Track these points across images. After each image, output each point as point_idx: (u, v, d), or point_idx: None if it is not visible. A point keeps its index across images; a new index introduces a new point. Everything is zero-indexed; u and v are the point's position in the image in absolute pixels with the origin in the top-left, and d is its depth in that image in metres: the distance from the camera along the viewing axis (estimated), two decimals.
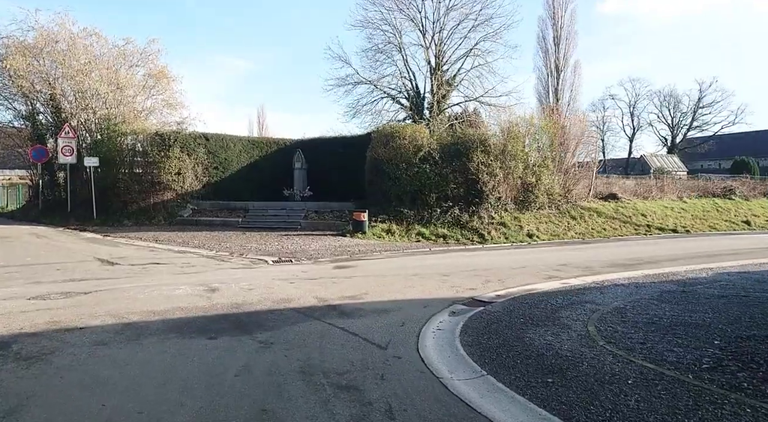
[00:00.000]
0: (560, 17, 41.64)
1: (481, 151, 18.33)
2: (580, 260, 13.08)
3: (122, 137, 20.62)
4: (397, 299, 8.39)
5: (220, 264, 12.64)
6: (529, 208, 19.63)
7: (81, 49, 21.51)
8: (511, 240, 17.67)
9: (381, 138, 19.27)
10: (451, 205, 18.47)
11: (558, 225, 19.36)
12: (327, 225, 18.90)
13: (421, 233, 17.72)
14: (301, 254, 14.44)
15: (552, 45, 42.24)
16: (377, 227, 17.96)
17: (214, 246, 15.55)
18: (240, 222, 19.45)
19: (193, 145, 20.99)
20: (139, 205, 20.47)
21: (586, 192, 22.29)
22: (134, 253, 13.93)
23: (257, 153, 23.39)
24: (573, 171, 21.27)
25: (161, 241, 16.39)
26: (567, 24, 41.00)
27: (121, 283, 9.62)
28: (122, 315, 7.16)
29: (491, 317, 7.21)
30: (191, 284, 9.55)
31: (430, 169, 18.35)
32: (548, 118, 20.27)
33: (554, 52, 42.71)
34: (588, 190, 22.48)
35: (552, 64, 43.06)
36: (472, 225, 18.13)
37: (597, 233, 19.40)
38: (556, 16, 41.80)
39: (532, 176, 19.28)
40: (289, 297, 8.39)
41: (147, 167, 20.86)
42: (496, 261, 13.11)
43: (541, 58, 41.46)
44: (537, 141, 19.52)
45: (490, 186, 18.45)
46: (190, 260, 13.06)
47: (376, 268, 11.79)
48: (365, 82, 40.11)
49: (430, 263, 12.57)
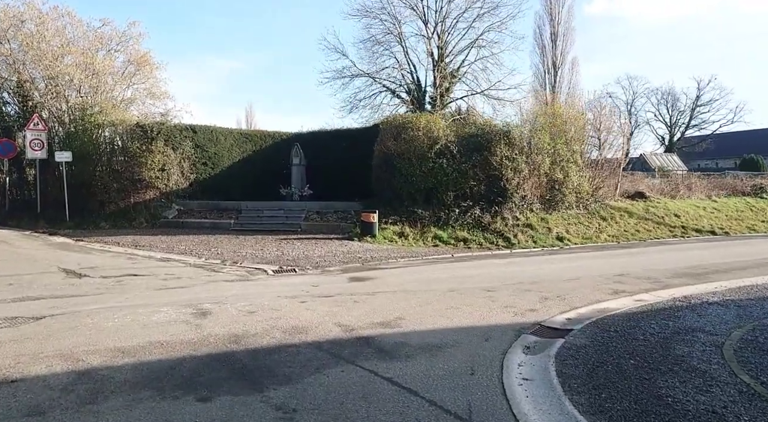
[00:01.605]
0: (558, 13, 40.33)
1: (504, 144, 16.52)
2: (634, 269, 11.30)
3: (99, 129, 18.56)
4: (446, 327, 6.53)
5: (211, 275, 10.72)
6: (556, 207, 17.87)
7: (52, 30, 19.41)
8: (540, 244, 15.89)
9: (391, 130, 17.40)
10: (471, 205, 16.63)
11: (588, 227, 17.61)
12: (330, 227, 17.00)
13: (439, 236, 15.87)
14: (304, 261, 12.57)
15: (549, 41, 40.90)
16: (388, 229, 16.09)
17: (203, 253, 13.62)
18: (232, 225, 17.50)
19: (178, 137, 18.98)
20: (117, 205, 18.42)
21: (612, 190, 20.58)
22: (109, 262, 11.95)
23: (250, 147, 21.40)
24: (603, 166, 19.52)
25: (142, 247, 14.40)
26: (565, 20, 39.80)
27: (86, 304, 7.68)
28: (78, 357, 5.23)
29: (586, 357, 5.37)
30: (176, 305, 7.62)
31: (448, 164, 16.50)
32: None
33: (551, 49, 41.35)
34: (614, 188, 20.77)
35: (549, 61, 41.66)
36: (495, 227, 16.31)
37: (631, 235, 17.68)
38: (553, 11, 40.44)
39: (559, 172, 17.51)
40: (303, 325, 6.50)
41: (127, 163, 18.80)
42: (539, 270, 11.30)
43: (538, 54, 40.11)
44: (564, 133, 17.73)
45: (514, 183, 16.65)
46: (174, 270, 11.12)
47: (400, 281, 9.92)
48: (363, 75, 38.27)
49: (462, 274, 10.73)
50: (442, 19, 37.20)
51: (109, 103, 19.08)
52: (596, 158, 19.77)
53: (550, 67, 42.38)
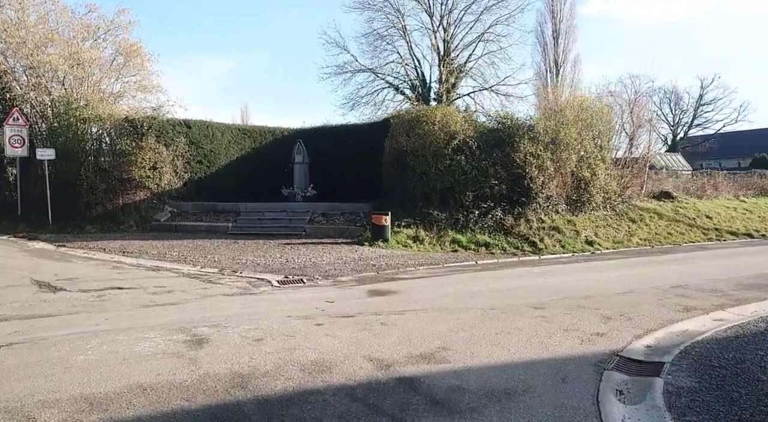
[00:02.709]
0: (560, 10, 39.24)
1: (528, 139, 15.25)
2: (690, 279, 10.03)
3: (84, 124, 17.18)
4: (506, 362, 5.23)
5: (207, 287, 9.41)
6: (583, 208, 16.60)
7: (34, 17, 18.06)
8: (569, 248, 14.62)
9: (403, 124, 16.10)
10: (492, 206, 15.34)
11: (618, 230, 16.35)
12: (338, 230, 15.69)
13: (457, 241, 14.58)
14: (312, 270, 11.30)
15: (551, 39, 39.74)
16: (401, 233, 14.80)
17: (198, 260, 12.32)
18: (230, 228, 16.17)
19: (171, 133, 17.63)
20: (105, 207, 17.06)
21: (638, 190, 19.34)
22: (91, 272, 10.62)
23: (249, 144, 20.05)
24: (632, 164, 18.27)
25: (130, 253, 13.07)
26: (567, 17, 38.69)
27: (56, 328, 6.36)
28: (30, 414, 3.92)
29: (708, 408, 4.09)
30: (165, 328, 6.31)
31: (466, 162, 15.21)
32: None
33: (553, 47, 40.22)
34: (640, 188, 19.53)
35: (551, 60, 40.47)
36: (518, 230, 15.03)
37: (663, 238, 16.43)
38: (555, 8, 39.30)
39: (586, 170, 16.23)
40: (325, 359, 5.19)
41: (115, 161, 17.46)
42: (582, 281, 10.01)
43: (540, 52, 38.91)
44: (591, 128, 16.47)
45: (539, 182, 15.37)
46: (165, 282, 9.81)
47: (428, 295, 8.62)
48: (365, 70, 37.06)
49: (496, 286, 9.42)
50: (448, 12, 35.99)
51: (95, 96, 17.71)
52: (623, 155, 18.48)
53: (552, 65, 41.23)
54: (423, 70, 37.35)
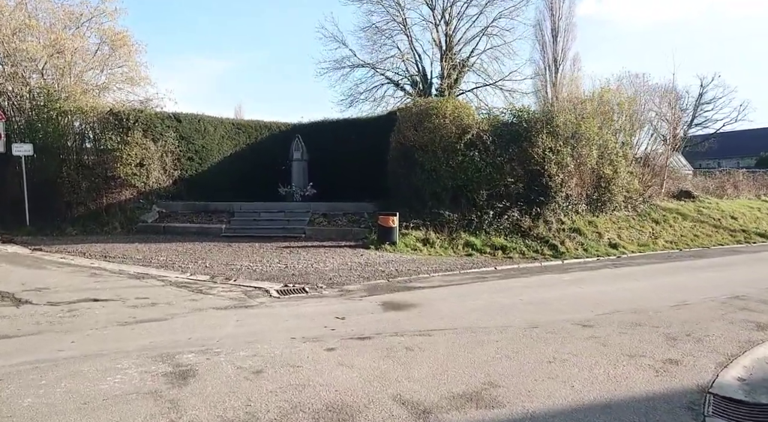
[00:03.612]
0: (558, 7, 38.20)
1: (547, 133, 14.18)
2: (745, 288, 8.97)
3: (65, 118, 16.01)
4: (573, 405, 4.13)
5: (197, 299, 8.27)
6: (603, 209, 15.55)
7: (13, 4, 16.82)
8: (591, 252, 13.56)
9: (411, 118, 14.98)
10: (508, 206, 14.26)
11: (641, 232, 15.31)
12: (340, 233, 14.58)
13: (471, 244, 13.49)
14: (315, 277, 10.20)
15: (550, 37, 38.69)
16: (410, 235, 13.70)
17: (187, 266, 11.19)
18: (223, 230, 15.03)
19: (160, 127, 16.44)
20: (87, 207, 15.88)
21: (658, 188, 18.31)
22: (65, 280, 9.47)
23: (244, 139, 18.87)
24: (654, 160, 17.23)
25: (112, 258, 11.92)
26: (566, 14, 37.66)
27: (6, 355, 5.23)
28: None
29: None
30: (143, 355, 5.18)
31: (480, 158, 14.12)
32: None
33: (552, 45, 39.14)
34: (660, 187, 18.50)
35: (550, 58, 39.44)
36: (536, 232, 13.95)
37: (690, 241, 15.39)
38: (554, 6, 38.27)
39: (608, 167, 15.17)
40: (344, 402, 4.08)
41: (99, 157, 16.30)
42: (622, 291, 8.93)
43: (539, 50, 37.86)
44: (613, 121, 15.41)
45: (558, 180, 14.30)
46: (149, 292, 8.66)
47: (454, 309, 7.51)
48: (364, 66, 35.91)
49: (529, 297, 8.32)
50: (450, 5, 34.86)
51: (78, 87, 16.50)
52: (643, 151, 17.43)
53: (550, 63, 40.22)
54: (424, 66, 36.28)
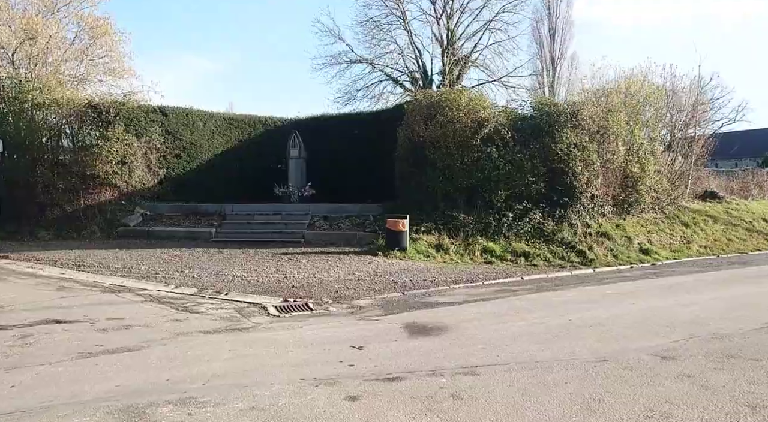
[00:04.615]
0: (556, 6, 37.28)
1: (571, 127, 12.98)
2: None
3: (39, 111, 14.66)
4: None
5: (181, 318, 6.98)
6: (630, 210, 14.37)
7: None
8: (622, 258, 12.38)
9: (420, 111, 13.74)
10: (529, 208, 13.04)
11: (672, 236, 14.14)
12: (344, 237, 13.31)
13: (489, 250, 12.27)
14: (319, 290, 8.96)
15: (547, 36, 37.76)
16: (421, 241, 12.46)
17: (172, 276, 9.92)
18: (214, 234, 13.72)
19: (144, 121, 15.13)
20: (63, 209, 14.54)
21: (683, 189, 17.17)
22: (27, 295, 8.15)
23: (236, 135, 17.56)
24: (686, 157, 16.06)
25: (87, 267, 10.62)
26: (563, 13, 36.81)
27: None
28: None
29: None
30: (101, 409, 3.89)
31: (498, 154, 12.90)
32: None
33: (549, 44, 38.16)
34: (685, 187, 17.36)
35: (547, 57, 38.42)
36: (561, 236, 12.73)
37: (725, 246, 14.25)
38: (551, 4, 37.35)
39: (635, 165, 13.98)
40: None
41: (77, 155, 14.97)
42: (681, 307, 7.70)
43: (536, 50, 36.89)
44: (639, 115, 14.23)
45: (583, 179, 13.11)
46: (125, 310, 7.36)
47: (493, 334, 6.25)
48: (361, 61, 34.60)
49: (579, 317, 7.05)
50: None
51: (53, 78, 15.13)
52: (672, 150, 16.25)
53: (548, 63, 39.20)
54: (424, 61, 35.06)
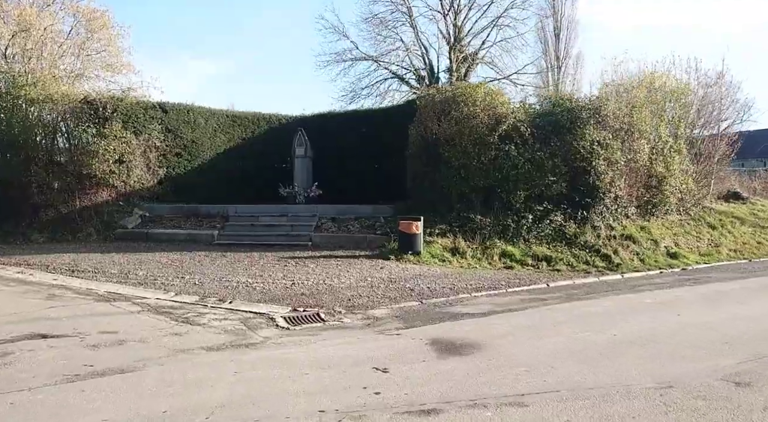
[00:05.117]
0: (561, 4, 36.61)
1: (594, 124, 12.32)
2: None
3: (33, 107, 14.05)
4: None
5: (181, 331, 6.33)
6: (654, 212, 13.71)
7: None
8: (649, 263, 11.71)
9: (434, 107, 13.08)
10: (550, 209, 12.37)
11: (699, 239, 13.46)
12: (353, 240, 12.65)
13: (509, 254, 11.61)
14: (330, 298, 8.33)
15: (552, 35, 37.10)
16: (435, 244, 11.81)
17: (172, 282, 9.29)
18: (216, 237, 13.08)
19: (143, 118, 14.50)
20: (58, 210, 13.92)
21: (707, 189, 16.47)
22: (11, 305, 7.54)
23: (240, 133, 16.91)
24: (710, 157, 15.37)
25: (81, 273, 9.98)
26: (568, 12, 36.14)
27: None
28: None
29: None
30: None
31: (517, 152, 12.23)
32: None
33: (554, 43, 37.50)
34: (709, 187, 16.65)
35: (552, 57, 37.77)
36: (583, 240, 12.05)
37: (756, 249, 13.56)
38: (556, 3, 36.70)
39: (661, 164, 13.31)
40: None
41: (72, 153, 14.35)
42: (730, 318, 7.05)
43: (540, 49, 36.26)
44: (663, 111, 13.55)
45: (607, 178, 12.44)
46: (120, 322, 6.72)
47: (531, 352, 5.58)
48: (366, 59, 34.01)
49: (622, 331, 6.39)
50: None
51: (47, 73, 14.51)
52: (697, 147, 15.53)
53: (553, 62, 38.57)
54: (430, 58, 34.42)
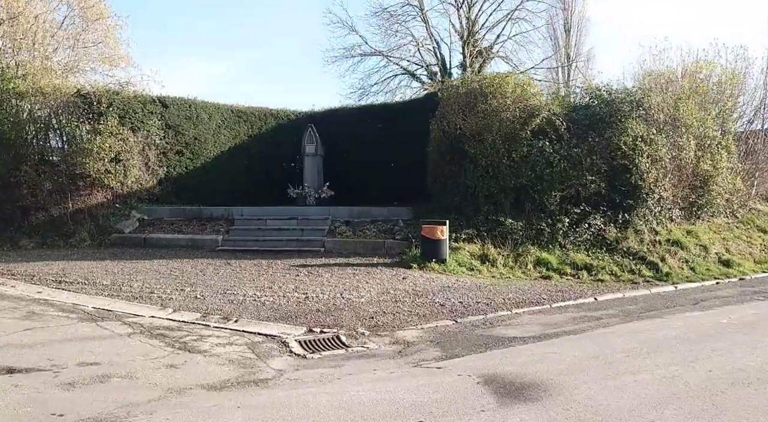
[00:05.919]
0: (572, 1, 35.45)
1: (636, 118, 11.22)
2: None
3: (22, 101, 13.09)
4: None
5: (177, 363, 5.31)
6: (700, 214, 12.58)
7: None
8: (700, 271, 10.59)
9: (458, 99, 11.99)
10: (588, 211, 11.27)
11: (750, 244, 12.34)
12: (370, 246, 11.59)
13: (544, 261, 10.53)
14: (350, 315, 7.35)
15: (562, 32, 35.98)
16: (462, 250, 10.74)
17: (171, 296, 8.29)
18: (221, 242, 12.07)
19: (141, 113, 13.50)
20: (49, 213, 12.97)
21: (753, 189, 15.31)
22: None
23: (245, 130, 15.88)
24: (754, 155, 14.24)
25: (69, 284, 8.98)
26: (579, 8, 35.01)
27: None
28: None
29: None
30: None
31: (552, 149, 11.13)
32: None
33: (565, 40, 36.38)
34: (752, 187, 15.49)
35: (562, 55, 36.63)
36: (626, 245, 10.95)
37: None
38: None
39: (708, 162, 12.18)
40: None
41: (65, 151, 13.39)
42: None
43: (551, 46, 35.15)
44: (709, 104, 12.42)
45: (650, 178, 11.31)
46: (106, 347, 5.72)
47: (613, 396, 4.49)
48: (376, 54, 32.95)
49: (713, 365, 5.29)
50: None
51: (38, 64, 13.56)
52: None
53: (563, 60, 37.42)
54: (443, 53, 33.34)
